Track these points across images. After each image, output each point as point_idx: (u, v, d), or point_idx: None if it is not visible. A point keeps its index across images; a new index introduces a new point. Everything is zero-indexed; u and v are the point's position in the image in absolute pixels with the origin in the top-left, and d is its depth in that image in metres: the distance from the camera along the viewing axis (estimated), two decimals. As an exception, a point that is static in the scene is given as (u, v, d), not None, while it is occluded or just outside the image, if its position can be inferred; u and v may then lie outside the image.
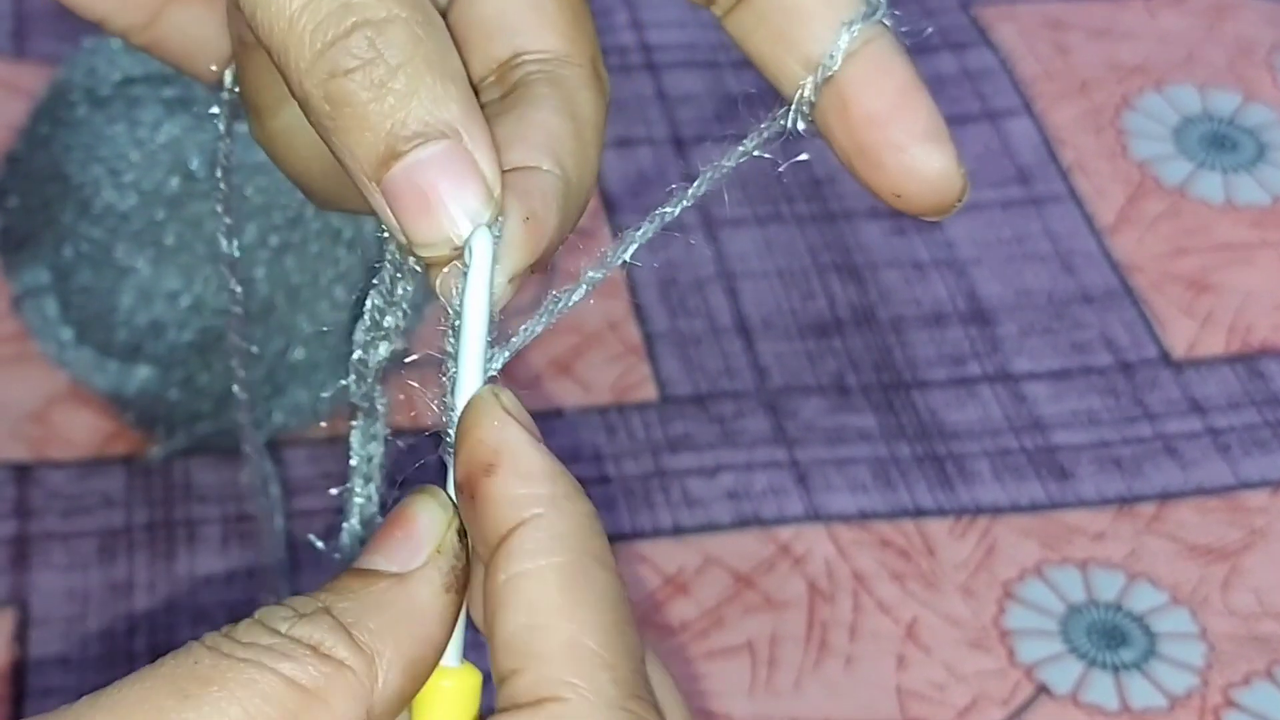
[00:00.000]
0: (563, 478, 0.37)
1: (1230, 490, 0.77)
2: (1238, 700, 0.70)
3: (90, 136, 0.72)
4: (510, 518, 0.36)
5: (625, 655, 0.36)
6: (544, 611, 0.36)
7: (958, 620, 0.72)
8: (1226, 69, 0.95)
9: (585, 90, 0.41)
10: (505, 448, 0.37)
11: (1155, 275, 0.85)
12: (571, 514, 0.37)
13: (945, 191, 0.39)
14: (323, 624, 0.35)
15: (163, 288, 0.71)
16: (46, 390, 0.77)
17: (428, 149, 0.36)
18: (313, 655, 0.35)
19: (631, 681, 0.36)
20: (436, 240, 0.37)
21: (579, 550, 0.36)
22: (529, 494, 0.36)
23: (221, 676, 0.34)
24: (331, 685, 0.34)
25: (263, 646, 0.35)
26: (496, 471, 0.37)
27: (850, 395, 0.79)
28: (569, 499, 0.37)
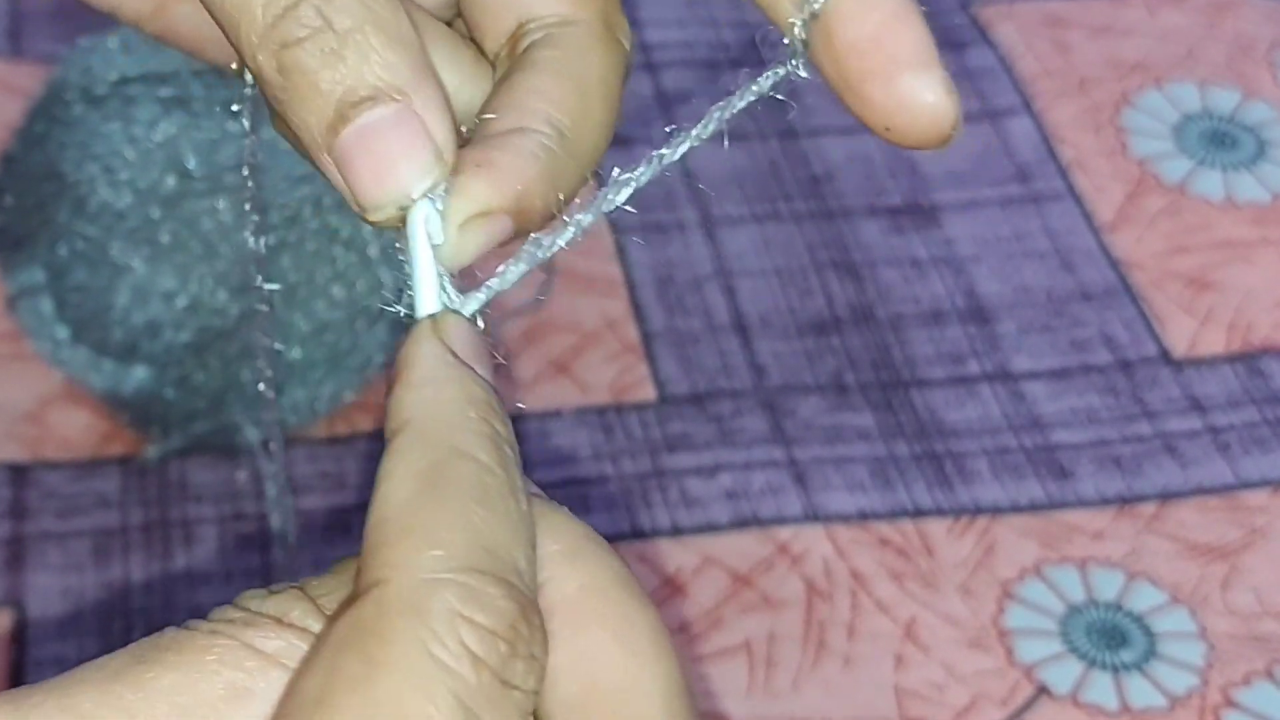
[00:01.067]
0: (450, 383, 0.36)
1: (1230, 489, 0.77)
2: (1238, 700, 0.70)
3: (86, 135, 0.72)
4: (391, 426, 0.36)
5: (464, 534, 0.34)
6: (388, 507, 0.34)
7: (957, 620, 0.72)
8: (1226, 66, 0.94)
9: (591, 48, 0.41)
10: (409, 360, 0.37)
11: (1155, 273, 0.85)
12: (440, 413, 0.36)
13: (935, 123, 0.39)
14: (292, 598, 0.35)
15: (159, 287, 0.71)
16: (42, 390, 0.77)
17: (376, 112, 0.36)
18: (276, 624, 0.34)
19: (469, 557, 0.33)
20: (385, 202, 0.37)
21: (437, 446, 0.35)
22: (408, 399, 0.36)
23: (182, 645, 0.34)
24: (294, 652, 0.34)
25: (227, 620, 0.34)
26: (395, 382, 0.37)
27: (849, 394, 0.79)
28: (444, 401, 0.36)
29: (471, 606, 0.33)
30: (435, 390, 0.36)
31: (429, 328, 0.37)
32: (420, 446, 0.35)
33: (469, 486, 0.34)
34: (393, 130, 0.36)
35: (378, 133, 0.36)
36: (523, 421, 0.78)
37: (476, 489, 0.34)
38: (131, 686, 0.33)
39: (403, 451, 0.35)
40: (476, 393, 0.36)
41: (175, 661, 0.34)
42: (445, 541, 0.33)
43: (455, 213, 0.38)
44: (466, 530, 0.34)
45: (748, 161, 0.89)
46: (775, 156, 0.89)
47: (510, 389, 0.79)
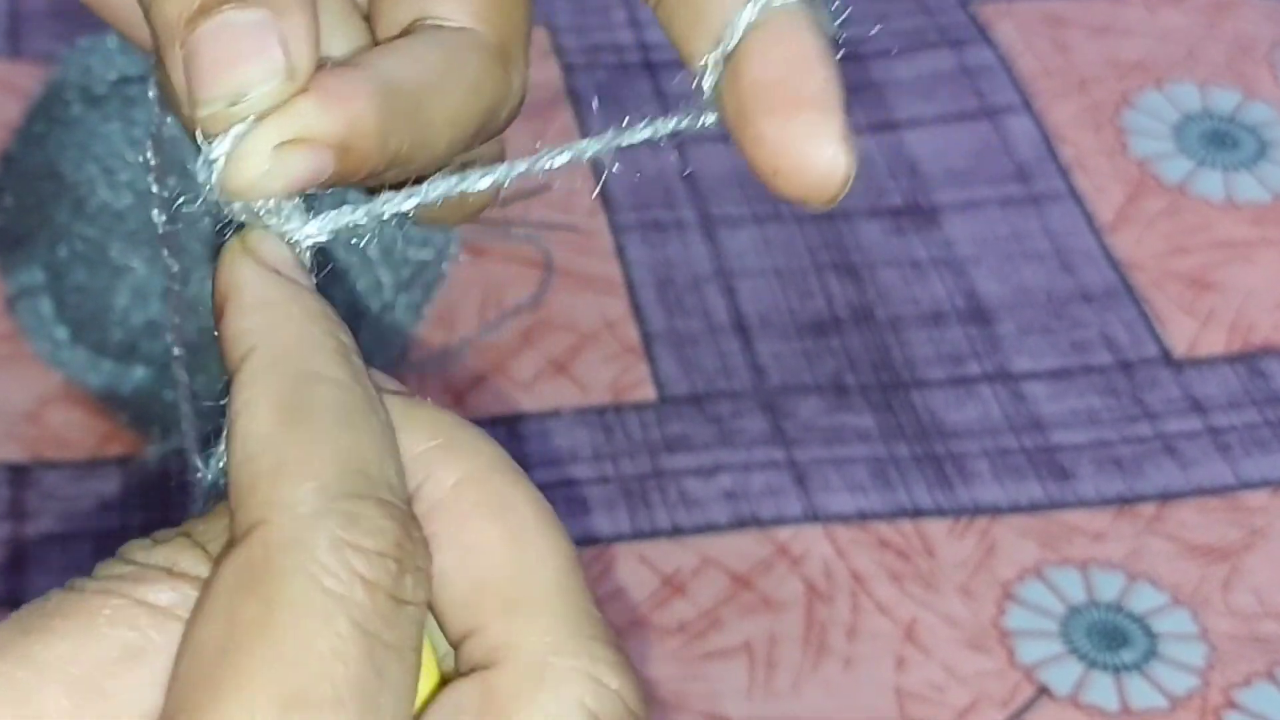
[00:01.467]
0: (285, 302, 0.35)
1: (1231, 490, 0.77)
2: (1238, 701, 0.70)
3: (85, 135, 0.72)
4: (234, 357, 0.35)
5: (334, 460, 0.33)
6: (253, 442, 0.33)
7: (957, 621, 0.72)
8: (1226, 66, 0.94)
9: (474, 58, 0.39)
10: (231, 285, 0.35)
11: (1155, 274, 0.85)
12: (285, 336, 0.35)
13: (825, 173, 0.36)
14: (179, 546, 0.34)
15: (158, 287, 0.71)
16: (41, 391, 0.77)
17: (241, 14, 0.35)
18: (166, 575, 0.33)
19: (344, 482, 0.33)
20: (218, 95, 0.35)
21: (290, 372, 0.34)
22: (245, 326, 0.35)
23: (68, 609, 0.33)
24: (187, 602, 0.33)
25: (115, 576, 0.33)
26: (224, 310, 0.35)
27: (848, 395, 0.79)
28: (286, 321, 0.35)
29: (354, 532, 0.32)
30: (274, 311, 0.35)
31: (239, 248, 0.36)
32: (273, 373, 0.34)
33: (331, 409, 0.34)
34: (250, 33, 0.35)
35: (233, 30, 0.35)
36: (523, 421, 0.77)
37: (338, 411, 0.34)
38: (20, 662, 0.32)
39: (255, 381, 0.34)
40: (314, 306, 0.35)
41: (64, 628, 0.33)
42: (318, 472, 0.33)
43: (275, 130, 0.36)
44: (336, 456, 0.33)
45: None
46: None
47: (510, 389, 0.79)
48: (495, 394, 0.78)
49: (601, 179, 0.40)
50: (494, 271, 0.83)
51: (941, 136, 0.90)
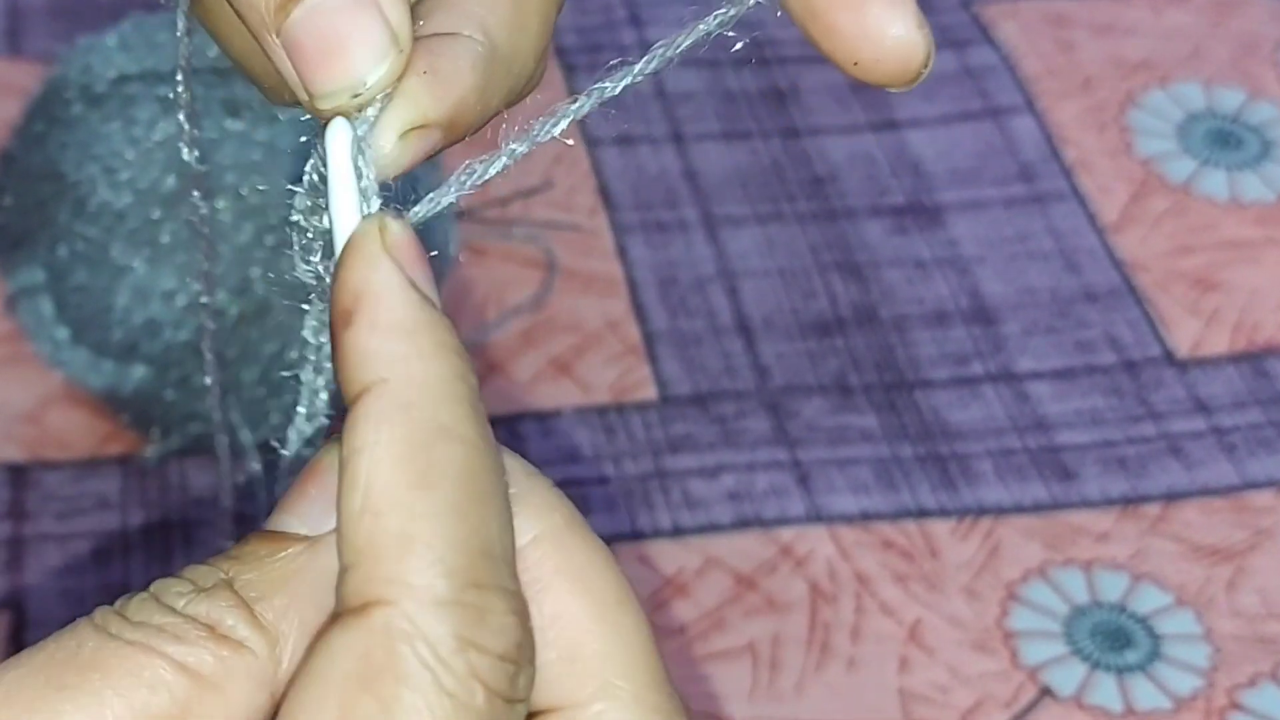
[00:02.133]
0: (426, 334, 0.33)
1: (1235, 490, 0.76)
2: (1243, 702, 0.70)
3: (86, 135, 0.72)
4: (359, 379, 0.33)
5: (466, 541, 0.32)
6: (375, 496, 0.32)
7: (961, 622, 0.72)
8: (1231, 66, 0.94)
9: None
10: (368, 291, 0.33)
11: (1159, 274, 0.85)
12: (424, 380, 0.33)
13: (904, 58, 0.36)
14: (222, 600, 0.32)
15: (159, 287, 0.71)
16: (41, 390, 0.76)
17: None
18: (209, 637, 0.32)
19: (471, 569, 0.32)
20: (337, 88, 0.34)
21: (425, 424, 0.32)
22: (381, 351, 0.33)
23: (104, 663, 0.31)
24: (229, 671, 0.32)
25: (153, 627, 0.32)
26: (353, 320, 0.33)
27: (852, 395, 0.79)
28: (424, 359, 0.33)
29: (481, 632, 0.31)
30: (412, 341, 0.33)
31: (379, 242, 0.34)
32: (405, 419, 0.32)
33: (463, 477, 0.32)
34: (346, 10, 0.34)
35: (330, 12, 0.34)
36: (523, 421, 0.77)
37: (470, 479, 0.32)
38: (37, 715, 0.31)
39: (384, 421, 0.32)
40: (450, 340, 0.33)
41: (100, 688, 0.31)
42: (447, 556, 0.32)
43: (397, 119, 0.35)
44: (466, 537, 0.32)
45: (750, 161, 0.89)
46: (777, 156, 0.89)
47: (511, 389, 0.79)
48: (496, 394, 0.78)
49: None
50: (495, 271, 0.83)
51: (945, 136, 0.90)
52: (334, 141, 0.35)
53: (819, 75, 0.93)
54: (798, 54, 0.94)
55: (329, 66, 0.34)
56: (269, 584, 0.33)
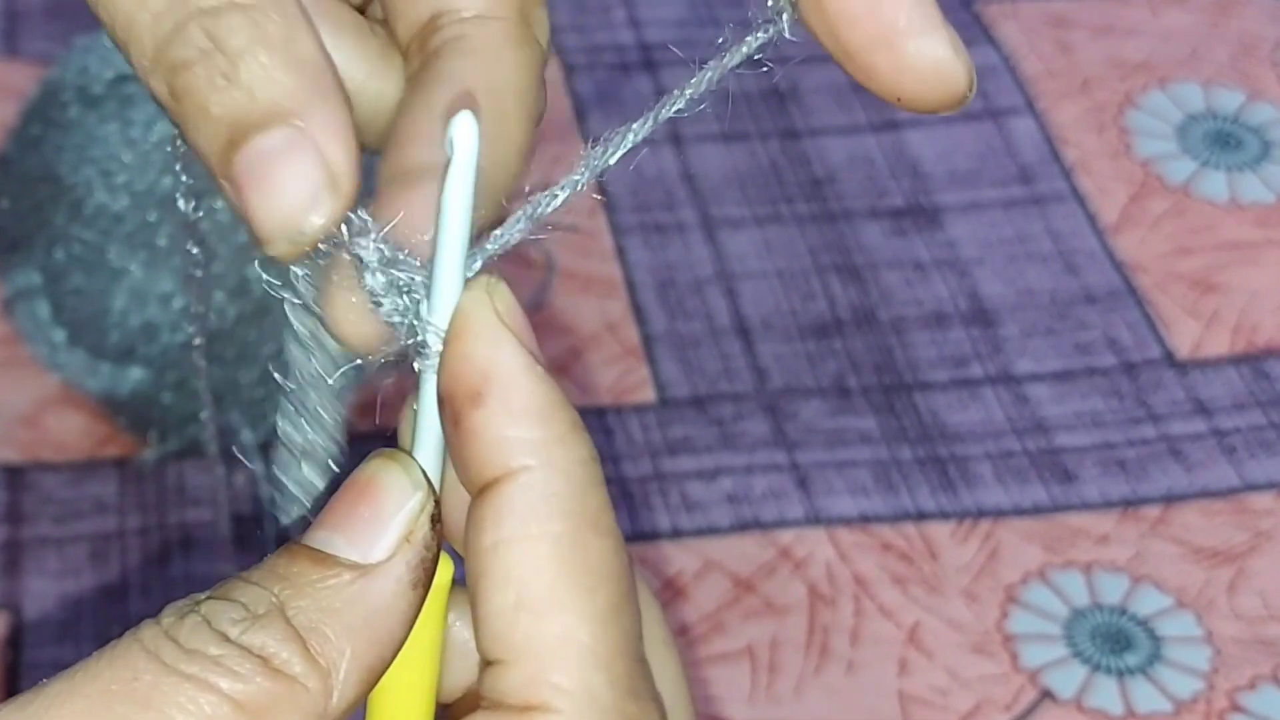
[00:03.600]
0: (559, 416, 0.34)
1: (1235, 492, 0.76)
2: (1243, 705, 0.69)
3: (82, 137, 0.72)
4: (497, 464, 0.33)
5: (622, 645, 0.33)
6: (534, 594, 0.33)
7: (960, 624, 0.71)
8: (1230, 66, 0.94)
9: (506, 51, 0.38)
10: (497, 373, 0.34)
11: (1159, 275, 0.85)
12: (567, 467, 0.33)
13: (950, 86, 0.36)
14: (276, 631, 0.32)
15: (156, 290, 0.71)
16: (38, 393, 0.76)
17: (267, 138, 0.34)
18: (263, 671, 0.32)
19: (629, 677, 0.33)
20: (278, 234, 0.34)
21: (575, 515, 0.33)
22: (520, 437, 0.33)
23: (161, 697, 0.31)
24: (280, 705, 0.32)
25: (208, 658, 0.32)
26: (485, 403, 0.33)
27: (851, 397, 0.79)
28: (564, 445, 0.33)
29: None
30: (547, 429, 0.33)
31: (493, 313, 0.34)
32: (555, 512, 0.33)
33: (616, 577, 0.33)
34: (284, 156, 0.34)
35: (269, 159, 0.34)
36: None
37: (622, 578, 0.33)
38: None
39: (534, 514, 0.33)
40: (578, 420, 0.34)
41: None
42: (611, 661, 0.33)
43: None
44: (623, 641, 0.33)
45: (748, 163, 0.89)
46: (776, 158, 0.89)
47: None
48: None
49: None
50: (493, 272, 0.82)
51: (944, 137, 0.90)
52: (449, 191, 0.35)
53: (818, 76, 0.93)
54: (797, 54, 0.94)
55: (267, 212, 0.34)
56: (321, 613, 0.33)
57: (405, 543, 0.34)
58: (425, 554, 0.34)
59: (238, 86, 0.34)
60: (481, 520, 0.34)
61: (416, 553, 0.34)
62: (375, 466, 0.35)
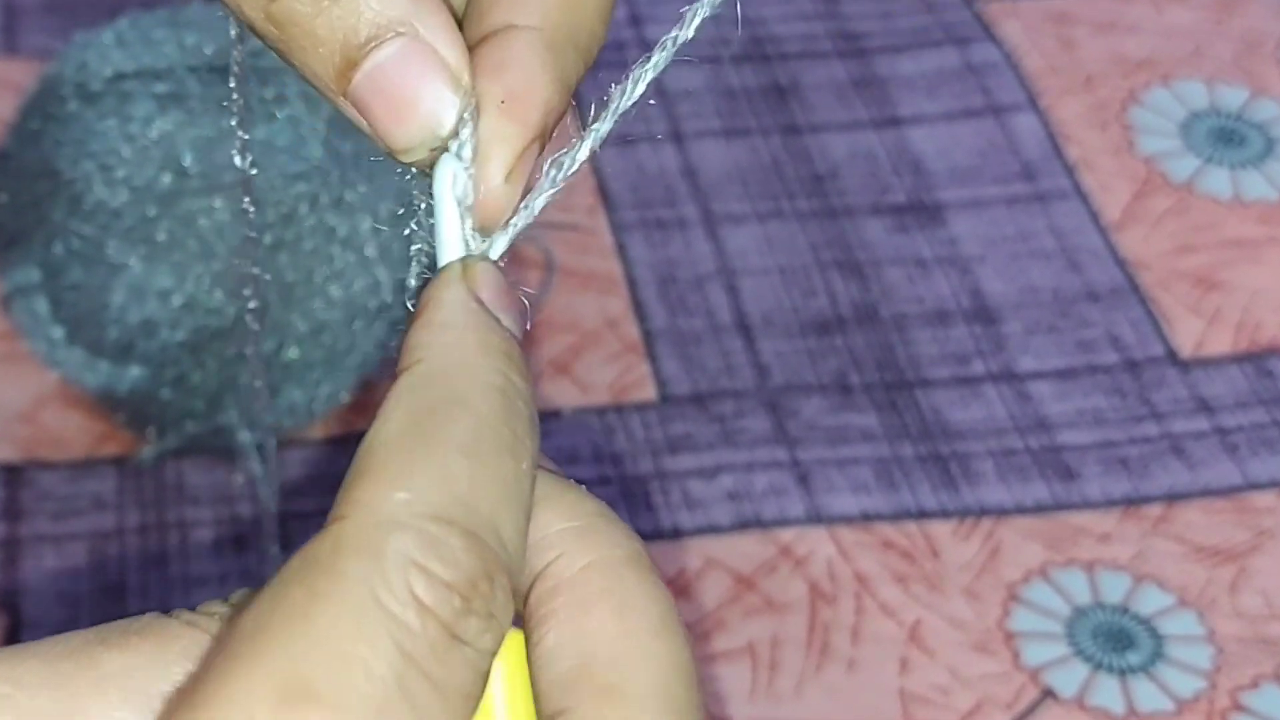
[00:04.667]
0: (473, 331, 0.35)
1: (1238, 491, 0.76)
2: (1246, 704, 0.69)
3: (81, 132, 0.72)
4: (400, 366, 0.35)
5: (442, 487, 0.33)
6: (374, 444, 0.33)
7: (962, 623, 0.71)
8: (1234, 63, 0.94)
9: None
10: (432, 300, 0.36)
11: (1162, 272, 0.84)
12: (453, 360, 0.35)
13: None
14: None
15: (155, 286, 0.71)
16: (37, 390, 0.76)
17: (383, 50, 0.35)
18: None
19: (439, 507, 0.33)
20: (415, 142, 0.36)
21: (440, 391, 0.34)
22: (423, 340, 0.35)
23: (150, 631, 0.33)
24: None
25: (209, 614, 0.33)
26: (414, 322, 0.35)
27: (852, 394, 0.79)
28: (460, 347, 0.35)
29: (429, 555, 0.32)
30: (450, 334, 0.35)
31: (458, 271, 0.36)
32: (421, 388, 0.34)
33: (459, 435, 0.33)
34: (404, 66, 0.35)
35: (389, 72, 0.35)
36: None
37: (467, 439, 0.33)
38: (84, 665, 0.32)
39: (403, 391, 0.34)
40: (494, 341, 0.35)
41: (137, 646, 0.32)
42: (416, 485, 0.32)
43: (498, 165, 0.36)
44: (442, 478, 0.32)
45: (750, 158, 0.89)
46: (777, 153, 0.89)
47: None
48: (495, 393, 0.77)
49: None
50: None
51: (946, 134, 0.90)
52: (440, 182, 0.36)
53: (820, 72, 0.92)
54: (798, 50, 0.94)
55: (401, 124, 0.35)
56: None
57: None
58: None
59: (339, 4, 0.34)
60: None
61: None
62: None
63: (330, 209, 0.71)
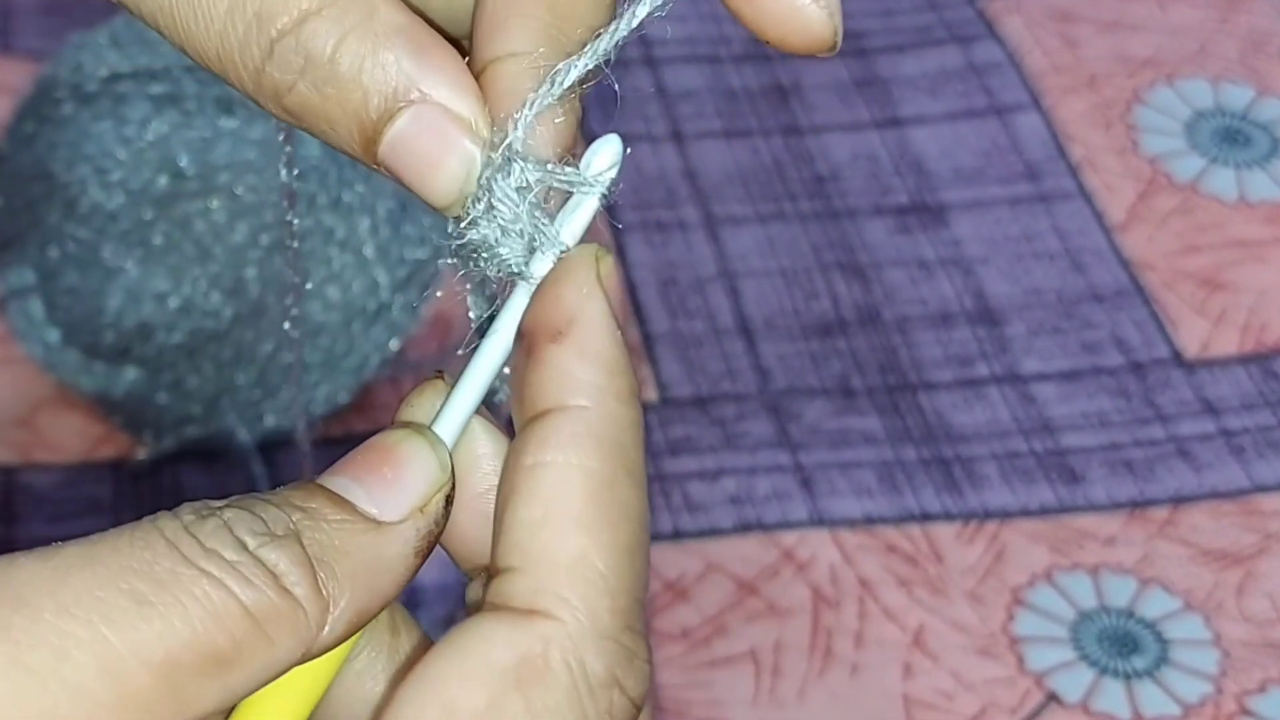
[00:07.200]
0: (623, 375, 0.35)
1: (1244, 494, 0.76)
2: (1252, 708, 0.69)
3: (76, 134, 0.72)
4: (555, 396, 0.35)
5: (630, 584, 0.35)
6: (560, 514, 0.34)
7: (966, 627, 0.71)
8: (1239, 62, 0.94)
9: None
10: (581, 318, 0.35)
11: (1167, 273, 0.84)
12: (618, 417, 0.35)
13: (817, 36, 0.38)
14: (290, 553, 0.33)
15: (151, 288, 0.71)
16: (33, 393, 0.76)
17: (397, 123, 0.35)
18: (273, 586, 0.33)
19: (629, 612, 0.35)
20: (452, 197, 0.36)
21: (615, 459, 0.35)
22: (584, 379, 0.35)
23: (176, 583, 0.32)
24: (280, 621, 0.33)
25: (225, 561, 0.33)
26: (561, 341, 0.35)
27: (855, 397, 0.79)
28: (620, 400, 0.35)
29: (626, 671, 0.34)
30: (612, 380, 0.35)
31: (595, 270, 0.36)
32: (598, 450, 0.35)
33: (639, 523, 0.35)
34: (420, 133, 0.35)
35: (408, 141, 0.35)
36: (522, 425, 0.77)
37: (642, 526, 0.35)
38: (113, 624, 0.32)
39: (577, 448, 0.35)
40: (637, 388, 0.36)
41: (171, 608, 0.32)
42: (617, 594, 0.34)
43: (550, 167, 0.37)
44: (633, 581, 0.35)
45: (751, 160, 0.88)
46: (779, 155, 0.89)
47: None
48: (495, 396, 0.77)
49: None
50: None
51: (949, 134, 0.90)
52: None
53: (821, 72, 0.92)
54: (800, 51, 0.93)
55: (433, 184, 0.36)
56: (334, 550, 0.34)
57: (419, 512, 0.35)
58: (434, 529, 0.35)
59: (344, 88, 0.35)
60: (527, 442, 0.35)
61: (427, 523, 0.35)
62: (403, 435, 0.36)
63: (328, 209, 0.71)
